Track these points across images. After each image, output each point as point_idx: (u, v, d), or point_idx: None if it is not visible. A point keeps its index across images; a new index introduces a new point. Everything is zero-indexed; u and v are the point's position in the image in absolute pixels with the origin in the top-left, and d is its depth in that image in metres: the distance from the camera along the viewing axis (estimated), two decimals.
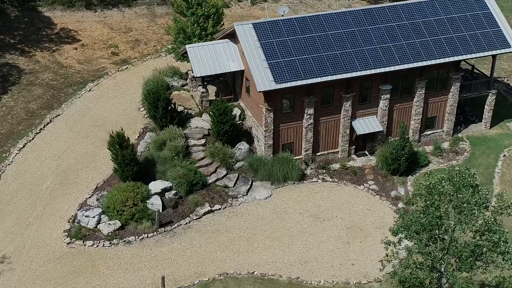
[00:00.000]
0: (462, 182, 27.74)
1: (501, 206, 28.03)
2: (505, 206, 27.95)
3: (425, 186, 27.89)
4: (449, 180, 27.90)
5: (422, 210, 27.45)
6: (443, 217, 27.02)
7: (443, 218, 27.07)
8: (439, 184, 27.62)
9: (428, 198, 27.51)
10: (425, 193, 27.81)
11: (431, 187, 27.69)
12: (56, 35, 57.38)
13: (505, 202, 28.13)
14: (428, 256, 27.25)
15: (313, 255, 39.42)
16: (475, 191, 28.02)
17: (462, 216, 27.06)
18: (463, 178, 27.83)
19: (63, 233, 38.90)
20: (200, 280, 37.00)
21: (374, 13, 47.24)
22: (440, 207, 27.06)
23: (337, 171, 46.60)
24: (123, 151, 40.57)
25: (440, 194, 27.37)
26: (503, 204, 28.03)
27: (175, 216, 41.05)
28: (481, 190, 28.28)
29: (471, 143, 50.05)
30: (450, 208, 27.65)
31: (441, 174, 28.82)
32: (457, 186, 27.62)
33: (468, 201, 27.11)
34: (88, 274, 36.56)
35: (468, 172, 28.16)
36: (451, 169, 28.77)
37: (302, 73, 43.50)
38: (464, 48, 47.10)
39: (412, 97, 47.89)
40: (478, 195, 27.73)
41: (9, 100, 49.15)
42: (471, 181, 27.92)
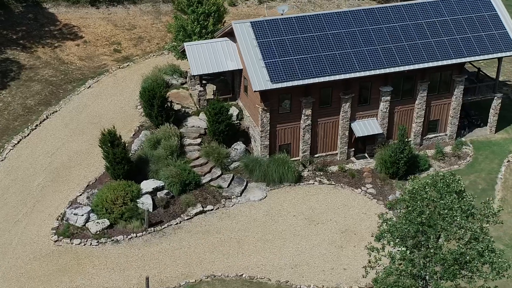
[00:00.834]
0: (446, 188, 26.78)
1: (486, 214, 27.02)
2: (491, 213, 26.95)
3: (409, 192, 27.01)
4: (433, 186, 26.96)
5: (404, 216, 26.55)
6: (425, 223, 26.09)
7: (426, 225, 26.14)
8: (422, 190, 26.70)
9: (410, 203, 26.62)
10: (408, 199, 26.93)
11: (414, 192, 26.79)
12: (58, 31, 57.20)
13: (491, 209, 27.12)
14: (409, 263, 26.34)
15: (304, 258, 38.64)
16: (460, 197, 27.04)
17: (445, 223, 26.11)
18: (447, 183, 26.87)
19: (51, 230, 38.54)
20: (186, 281, 36.40)
21: (376, 13, 46.29)
22: (422, 213, 26.14)
23: (335, 173, 45.75)
24: (114, 149, 40.11)
25: (423, 199, 26.45)
26: (488, 212, 27.03)
27: (166, 216, 40.50)
28: (465, 196, 27.29)
29: (475, 148, 48.90)
30: (435, 215, 26.70)
31: (426, 180, 27.93)
32: (441, 192, 26.66)
33: (450, 207, 26.14)
34: (73, 273, 36.13)
35: (453, 178, 27.19)
36: (435, 174, 27.84)
37: (299, 73, 42.71)
38: (468, 50, 45.96)
39: (413, 100, 46.87)
40: (462, 202, 26.73)
41: (6, 95, 48.98)
42: (455, 186, 26.93)
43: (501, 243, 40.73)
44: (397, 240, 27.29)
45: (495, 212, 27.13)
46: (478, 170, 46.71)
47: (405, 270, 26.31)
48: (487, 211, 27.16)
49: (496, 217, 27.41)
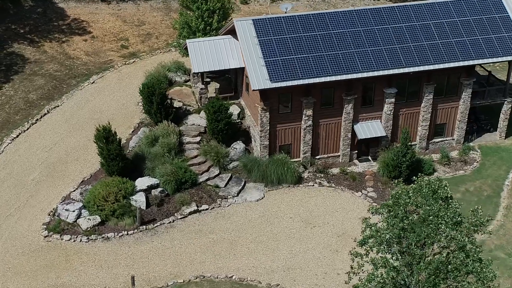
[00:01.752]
0: (432, 194, 25.75)
1: (474, 223, 25.92)
2: (479, 223, 25.84)
3: (392, 196, 26.06)
4: (418, 191, 25.96)
5: (385, 221, 25.61)
6: (407, 229, 25.12)
7: (408, 231, 25.16)
8: (405, 195, 25.73)
9: (393, 208, 25.68)
10: (391, 203, 25.99)
11: (397, 197, 25.84)
12: (67, 26, 57.11)
13: (480, 218, 26.01)
14: (392, 271, 25.39)
15: (298, 262, 37.80)
16: (446, 204, 25.99)
17: (428, 229, 25.10)
18: (433, 189, 25.83)
19: (42, 226, 38.26)
20: (174, 281, 35.82)
21: (383, 13, 45.24)
22: (405, 219, 25.17)
23: (336, 175, 44.82)
24: (108, 145, 39.73)
25: (406, 205, 25.47)
26: (476, 221, 25.92)
27: (159, 214, 39.96)
28: (451, 203, 26.21)
29: (483, 153, 47.56)
30: (419, 221, 25.71)
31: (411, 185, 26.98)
32: (426, 197, 25.65)
33: (436, 214, 25.11)
34: (60, 269, 35.79)
35: (439, 184, 26.15)
36: (420, 179, 26.85)
37: (300, 72, 41.88)
38: (476, 52, 44.68)
39: (419, 102, 45.73)
40: (448, 209, 25.67)
41: (9, 89, 48.95)
42: (441, 193, 25.89)
43: (503, 252, 39.54)
44: (382, 247, 26.35)
45: (483, 222, 25.99)
46: (485, 176, 45.42)
47: (387, 278, 25.36)
48: (474, 220, 26.03)
49: (484, 226, 26.28)
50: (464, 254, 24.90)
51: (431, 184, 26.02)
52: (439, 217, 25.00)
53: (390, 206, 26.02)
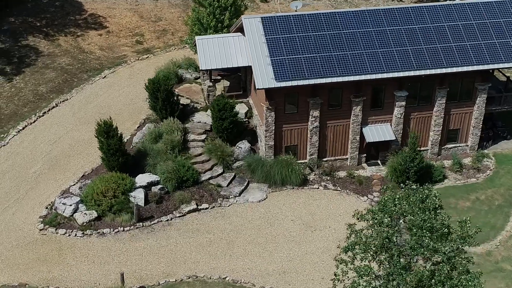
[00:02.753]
0: (420, 203, 24.61)
1: (462, 235, 24.68)
2: (467, 235, 24.60)
3: (378, 203, 25.06)
4: (405, 199, 24.88)
5: (368, 228, 24.63)
6: (391, 239, 24.09)
7: (391, 241, 24.13)
8: (391, 202, 24.69)
9: (377, 215, 24.67)
10: (376, 210, 24.99)
11: (383, 204, 24.83)
12: (83, 20, 57.16)
13: (468, 230, 24.78)
14: (373, 281, 24.41)
15: (295, 266, 36.96)
16: (435, 214, 24.81)
17: (412, 241, 24.01)
18: (421, 199, 24.70)
19: (38, 219, 38.15)
20: (166, 280, 35.32)
21: (396, 14, 44.05)
22: (389, 228, 24.15)
23: (342, 179, 43.80)
24: (109, 140, 39.43)
25: (392, 213, 24.43)
26: (463, 233, 24.68)
27: (158, 211, 39.50)
28: (439, 214, 25.00)
29: (497, 161, 45.99)
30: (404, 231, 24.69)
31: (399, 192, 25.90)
32: (413, 207, 24.53)
33: (420, 226, 23.97)
34: (53, 263, 35.59)
35: (427, 193, 25.02)
36: (408, 187, 25.75)
37: (306, 72, 40.99)
38: (492, 57, 43.17)
39: (431, 106, 44.41)
40: (435, 220, 24.48)
41: (20, 81, 49.11)
42: (429, 203, 24.73)
43: (509, 264, 38.14)
44: (365, 254, 25.37)
45: (471, 234, 24.76)
46: (497, 185, 43.91)
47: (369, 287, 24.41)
48: (461, 232, 24.81)
49: (473, 238, 25.06)
50: (449, 266, 23.73)
51: (419, 193, 24.90)
52: (424, 229, 23.87)
53: (375, 212, 25.02)
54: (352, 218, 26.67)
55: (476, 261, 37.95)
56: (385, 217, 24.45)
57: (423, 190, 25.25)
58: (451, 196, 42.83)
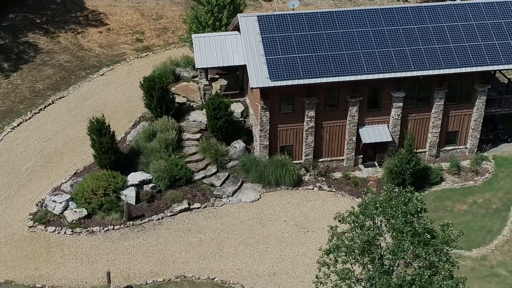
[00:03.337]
0: (403, 206, 24.06)
1: (445, 239, 24.11)
2: (449, 239, 24.02)
3: (359, 205, 24.57)
4: (387, 203, 24.35)
5: (349, 231, 24.16)
6: (371, 242, 23.58)
7: (372, 244, 23.62)
8: (372, 205, 24.19)
9: (359, 218, 24.18)
10: (358, 213, 24.51)
11: (364, 206, 24.33)
12: (84, 17, 57.01)
13: (450, 234, 24.21)
14: (354, 285, 23.91)
15: (285, 267, 36.52)
16: (417, 217, 24.27)
17: (393, 245, 23.47)
18: (403, 201, 24.15)
19: (28, 216, 37.96)
20: (154, 280, 35.00)
21: (395, 13, 43.47)
22: (370, 231, 23.65)
23: (338, 180, 43.30)
24: (101, 138, 39.18)
25: (372, 216, 23.92)
26: (444, 236, 24.11)
27: (148, 210, 39.21)
28: (422, 217, 24.43)
29: (497, 164, 45.26)
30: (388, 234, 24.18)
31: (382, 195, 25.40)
32: (394, 210, 24.00)
33: (399, 230, 23.43)
34: (40, 260, 35.39)
35: (410, 196, 24.48)
36: (389, 190, 25.24)
37: (302, 72, 40.53)
38: (492, 58, 42.48)
39: (430, 108, 43.80)
40: (416, 224, 23.92)
41: (17, 78, 49.02)
42: (411, 206, 24.16)
43: (505, 269, 37.44)
44: (349, 257, 24.89)
45: (453, 238, 24.20)
46: (496, 188, 43.22)
47: None
48: (442, 236, 24.24)
49: (455, 242, 24.50)
50: (430, 272, 23.16)
51: (402, 196, 24.37)
52: (404, 233, 23.34)
53: (356, 215, 24.54)
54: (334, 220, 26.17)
55: (470, 265, 37.67)
56: (366, 220, 23.95)
57: (405, 193, 24.71)
58: (447, 199, 42.22)
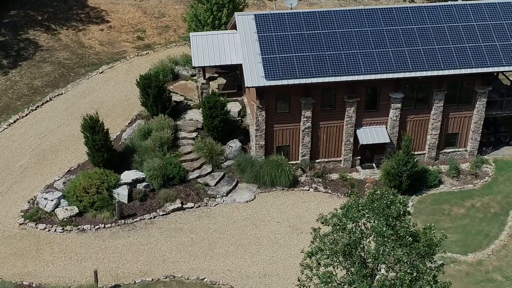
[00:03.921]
0: (386, 209, 23.55)
1: (428, 243, 23.52)
2: (431, 243, 23.42)
3: (341, 207, 24.09)
4: (369, 205, 23.85)
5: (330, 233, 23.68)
6: (353, 246, 23.08)
7: (353, 248, 23.12)
8: (355, 208, 23.69)
9: (341, 221, 23.70)
10: (340, 215, 24.03)
11: (347, 209, 23.85)
12: (85, 14, 56.91)
13: (433, 238, 23.61)
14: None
15: (277, 269, 36.06)
16: (400, 221, 23.74)
17: (374, 249, 22.96)
18: (385, 204, 23.64)
19: (19, 213, 37.82)
20: (142, 279, 34.68)
21: (394, 13, 42.91)
22: (351, 233, 23.16)
23: (334, 181, 42.80)
24: (94, 135, 38.97)
25: (354, 219, 23.43)
26: (427, 240, 23.51)
27: (141, 209, 38.92)
28: (404, 220, 23.88)
29: (497, 167, 44.52)
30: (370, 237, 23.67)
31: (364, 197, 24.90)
32: (376, 213, 23.48)
33: (380, 233, 22.92)
34: (29, 258, 35.20)
35: (392, 198, 23.95)
36: (373, 192, 24.73)
37: (298, 71, 40.09)
38: (492, 59, 41.78)
39: (429, 109, 43.18)
40: (398, 227, 23.39)
41: (15, 74, 48.93)
42: (393, 209, 23.63)
43: (500, 274, 36.74)
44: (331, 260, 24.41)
45: (436, 242, 23.63)
46: (495, 192, 42.49)
47: None
48: (424, 240, 23.66)
49: (438, 247, 23.94)
50: (411, 276, 22.63)
51: (384, 198, 23.86)
52: (386, 236, 22.84)
53: (339, 217, 24.07)
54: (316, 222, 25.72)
55: (465, 270, 37.02)
56: (348, 222, 23.49)
57: (388, 196, 24.20)
58: (445, 202, 41.57)
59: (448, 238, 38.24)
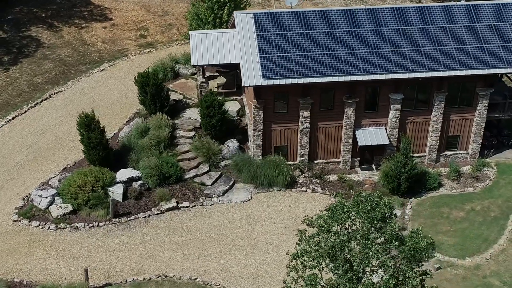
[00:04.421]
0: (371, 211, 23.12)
1: (413, 247, 23.05)
2: (417, 247, 22.95)
3: (326, 209, 23.70)
4: (354, 207, 23.44)
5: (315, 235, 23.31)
6: (336, 247, 22.70)
7: (337, 250, 22.73)
8: (340, 209, 23.29)
9: (326, 222, 23.31)
10: (325, 217, 23.65)
11: (332, 210, 23.46)
12: (89, 12, 56.85)
13: (419, 242, 23.12)
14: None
15: (270, 270, 35.73)
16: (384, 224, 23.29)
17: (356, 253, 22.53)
18: (371, 206, 23.20)
19: (14, 210, 37.74)
20: (134, 278, 34.49)
21: (395, 13, 42.42)
22: (336, 236, 22.78)
23: (333, 182, 42.38)
24: (90, 133, 38.82)
25: (338, 221, 23.04)
26: (413, 244, 23.04)
27: (135, 208, 38.72)
28: (389, 223, 23.43)
29: (499, 171, 43.90)
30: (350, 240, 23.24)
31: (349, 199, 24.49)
32: (361, 215, 23.06)
33: (365, 236, 22.50)
34: (21, 255, 35.11)
35: (377, 200, 23.53)
36: (358, 195, 24.30)
37: (296, 71, 39.72)
38: (494, 61, 41.18)
39: (429, 111, 42.65)
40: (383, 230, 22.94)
41: (15, 71, 48.95)
42: (378, 212, 23.19)
43: (498, 279, 36.22)
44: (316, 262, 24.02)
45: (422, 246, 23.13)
46: (496, 195, 41.90)
47: None
48: (409, 244, 23.20)
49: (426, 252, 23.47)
50: (395, 280, 22.21)
51: (369, 201, 23.43)
52: (369, 239, 22.42)
53: (324, 219, 23.69)
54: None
55: (462, 274, 36.50)
56: (332, 224, 23.12)
57: (373, 198, 23.78)
58: (444, 205, 41.03)
59: (446, 242, 38.54)
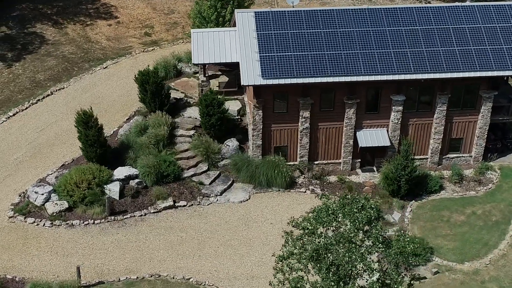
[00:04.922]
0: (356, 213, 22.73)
1: (400, 250, 22.61)
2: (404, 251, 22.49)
3: (312, 211, 23.34)
4: (340, 209, 23.06)
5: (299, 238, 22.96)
6: (321, 250, 22.33)
7: (322, 253, 22.36)
8: (325, 211, 22.91)
9: (312, 225, 22.94)
10: (311, 219, 23.27)
11: (317, 212, 23.09)
12: (95, 9, 56.81)
13: (406, 245, 22.67)
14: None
15: (265, 271, 35.31)
16: (370, 227, 22.89)
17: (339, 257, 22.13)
18: (358, 209, 22.80)
19: (10, 206, 37.72)
20: (127, 277, 34.31)
21: (398, 13, 41.89)
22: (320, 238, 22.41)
23: (332, 184, 41.97)
24: (87, 130, 38.71)
25: (323, 223, 22.66)
26: (399, 248, 22.59)
27: (132, 206, 38.55)
28: (374, 226, 23.00)
29: (502, 175, 43.20)
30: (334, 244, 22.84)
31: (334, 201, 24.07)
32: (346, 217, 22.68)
33: (348, 239, 22.10)
34: (15, 251, 35.05)
35: (364, 203, 23.11)
36: (344, 196, 23.91)
37: (296, 71, 39.34)
38: (498, 63, 40.51)
39: (432, 113, 42.10)
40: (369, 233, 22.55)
41: (18, 68, 48.97)
42: (363, 214, 22.78)
43: (497, 285, 35.66)
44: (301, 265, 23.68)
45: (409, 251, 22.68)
46: (498, 200, 41.26)
47: None
48: (395, 247, 22.76)
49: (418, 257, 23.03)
50: (380, 284, 21.80)
51: (355, 203, 23.02)
52: (353, 242, 22.03)
53: (309, 221, 23.33)
54: None
55: (461, 279, 35.96)
56: (318, 226, 22.75)
57: (359, 200, 23.38)
58: (445, 209, 40.46)
59: (445, 246, 37.99)
